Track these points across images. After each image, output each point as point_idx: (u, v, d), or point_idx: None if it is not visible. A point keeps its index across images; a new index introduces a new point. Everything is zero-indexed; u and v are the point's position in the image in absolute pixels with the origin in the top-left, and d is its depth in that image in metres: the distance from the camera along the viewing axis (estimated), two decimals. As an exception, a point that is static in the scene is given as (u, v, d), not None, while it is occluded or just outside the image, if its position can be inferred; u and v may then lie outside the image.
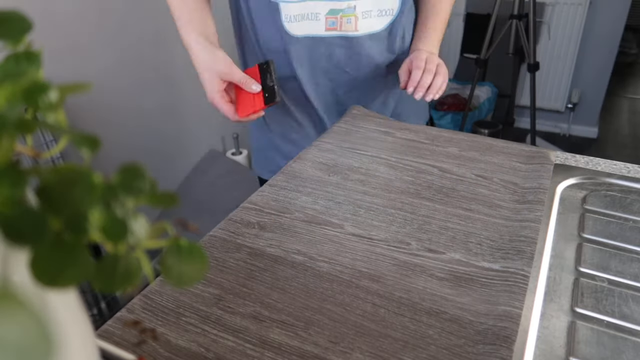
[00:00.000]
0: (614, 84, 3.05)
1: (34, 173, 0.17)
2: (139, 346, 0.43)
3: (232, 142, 2.07)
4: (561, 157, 0.73)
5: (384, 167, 0.70)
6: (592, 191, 0.68)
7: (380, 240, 0.55)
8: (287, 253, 0.53)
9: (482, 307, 0.46)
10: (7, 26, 0.19)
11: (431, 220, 0.59)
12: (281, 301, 0.47)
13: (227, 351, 0.42)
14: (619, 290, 0.52)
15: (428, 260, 0.52)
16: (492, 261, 0.52)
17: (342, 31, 0.85)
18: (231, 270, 0.51)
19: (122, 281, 0.19)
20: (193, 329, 0.44)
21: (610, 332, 0.47)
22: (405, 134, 0.79)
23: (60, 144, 0.20)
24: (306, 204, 0.62)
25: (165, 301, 0.47)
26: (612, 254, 0.57)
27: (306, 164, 0.71)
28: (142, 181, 0.19)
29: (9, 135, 0.16)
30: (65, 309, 0.21)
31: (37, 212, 0.16)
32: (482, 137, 0.79)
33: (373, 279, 0.50)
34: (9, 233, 0.16)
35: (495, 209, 0.60)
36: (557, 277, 0.54)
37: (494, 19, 2.12)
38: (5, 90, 0.17)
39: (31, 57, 0.19)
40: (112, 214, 0.18)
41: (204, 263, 0.21)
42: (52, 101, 0.19)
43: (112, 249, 0.19)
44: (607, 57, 2.59)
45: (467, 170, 0.69)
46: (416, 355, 0.42)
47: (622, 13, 2.48)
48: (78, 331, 0.22)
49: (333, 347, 0.42)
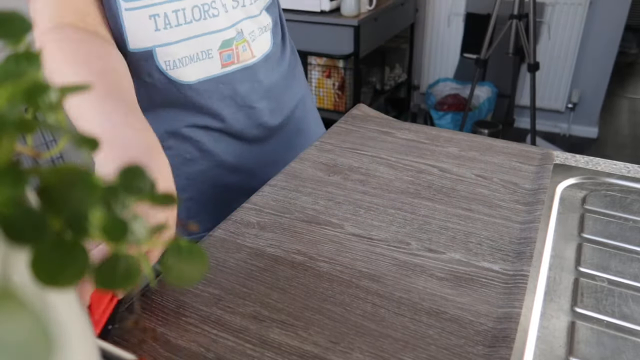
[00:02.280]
0: (614, 84, 3.05)
1: (34, 173, 0.17)
2: (139, 346, 0.43)
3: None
4: (561, 157, 0.73)
5: (384, 167, 0.70)
6: (592, 191, 0.68)
7: (380, 240, 0.55)
8: (287, 253, 0.54)
9: (482, 307, 0.46)
10: (7, 26, 0.19)
11: (431, 220, 0.59)
12: (281, 301, 0.47)
13: (227, 351, 0.42)
14: (619, 290, 0.52)
15: (428, 260, 0.52)
16: (492, 261, 0.52)
17: (240, 62, 0.72)
18: (231, 270, 0.51)
19: (123, 281, 0.19)
20: (193, 329, 0.44)
21: (610, 332, 0.47)
22: (405, 134, 0.79)
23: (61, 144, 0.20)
24: (306, 204, 0.62)
25: (165, 301, 0.47)
26: (612, 254, 0.57)
27: (306, 164, 0.71)
28: (142, 181, 0.19)
29: (9, 135, 0.16)
30: (66, 309, 0.21)
31: (38, 212, 0.16)
32: (482, 137, 0.79)
33: (373, 279, 0.50)
34: (9, 233, 0.16)
35: (495, 209, 0.60)
36: (557, 277, 0.54)
37: (494, 19, 2.12)
38: (5, 91, 0.17)
39: (31, 57, 0.19)
40: (113, 214, 0.18)
41: (204, 263, 0.21)
42: (53, 101, 0.19)
43: (113, 249, 0.19)
44: (607, 57, 2.59)
45: (467, 170, 0.69)
46: (416, 355, 0.42)
47: (622, 13, 2.48)
48: (78, 331, 0.22)
49: (333, 347, 0.42)
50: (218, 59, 0.70)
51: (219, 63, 0.70)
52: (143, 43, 0.64)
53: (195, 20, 0.66)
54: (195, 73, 0.68)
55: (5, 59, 0.19)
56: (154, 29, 0.63)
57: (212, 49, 0.68)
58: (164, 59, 0.65)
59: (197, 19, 0.66)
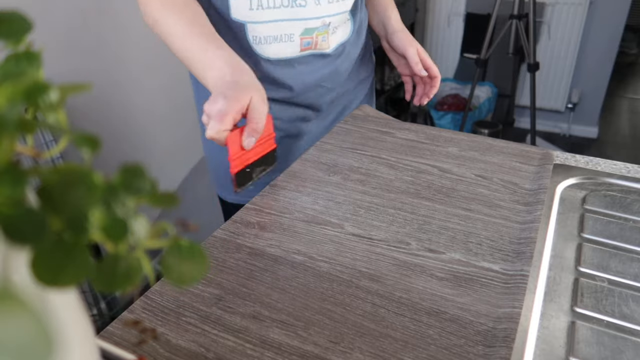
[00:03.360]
0: (614, 84, 3.06)
1: (34, 173, 0.17)
2: (139, 346, 0.43)
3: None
4: (561, 157, 0.73)
5: (384, 167, 0.70)
6: (592, 191, 0.68)
7: (380, 240, 0.55)
8: (287, 253, 0.53)
9: (482, 307, 0.46)
10: (7, 26, 0.19)
11: (431, 220, 0.59)
12: (281, 301, 0.47)
13: (227, 351, 0.42)
14: (619, 290, 0.52)
15: (428, 260, 0.52)
16: (492, 261, 0.52)
17: (318, 49, 0.81)
18: (231, 270, 0.51)
19: (123, 281, 0.19)
20: (193, 329, 0.44)
21: (610, 332, 0.47)
22: (405, 134, 0.79)
23: (61, 144, 0.20)
24: (306, 204, 0.62)
25: (165, 301, 0.47)
26: (612, 254, 0.57)
27: (306, 164, 0.71)
28: (142, 181, 0.19)
29: (10, 135, 0.16)
30: (66, 309, 0.21)
31: (38, 212, 0.16)
32: (482, 137, 0.79)
33: (373, 279, 0.50)
34: (9, 233, 0.16)
35: (495, 209, 0.60)
36: (557, 277, 0.54)
37: (494, 19, 2.12)
38: (5, 90, 0.17)
39: (31, 57, 0.19)
40: (113, 213, 0.18)
41: (204, 263, 0.21)
42: (53, 101, 0.19)
43: (113, 249, 0.19)
44: (607, 57, 2.59)
45: (467, 170, 0.69)
46: (416, 355, 0.42)
47: (622, 13, 2.48)
48: (78, 331, 0.22)
49: (333, 347, 0.42)
50: (298, 44, 0.79)
51: (298, 47, 0.79)
52: (240, 16, 0.75)
53: (283, 7, 0.75)
54: (276, 52, 0.78)
55: (5, 59, 0.19)
56: (248, 8, 0.74)
57: (294, 34, 0.77)
58: (252, 34, 0.76)
59: (286, 6, 0.75)
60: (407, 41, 0.88)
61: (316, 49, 0.81)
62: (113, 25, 1.49)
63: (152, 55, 1.65)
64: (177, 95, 1.78)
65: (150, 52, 1.64)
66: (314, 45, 0.80)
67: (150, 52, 1.64)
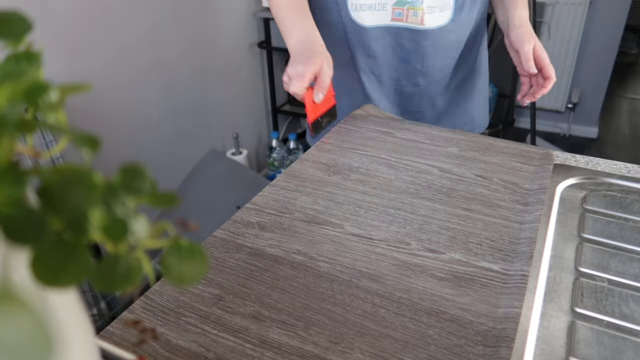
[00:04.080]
0: (614, 84, 3.06)
1: (34, 173, 0.17)
2: (139, 346, 0.43)
3: (232, 142, 2.07)
4: (561, 157, 0.73)
5: (384, 167, 0.70)
6: (592, 191, 0.68)
7: (380, 240, 0.55)
8: (287, 253, 0.53)
9: (482, 307, 0.46)
10: (7, 26, 0.19)
11: (431, 220, 0.59)
12: (281, 301, 0.47)
13: (227, 351, 0.42)
14: (619, 290, 0.52)
15: (428, 260, 0.52)
16: (492, 261, 0.52)
17: (409, 23, 0.86)
18: (231, 270, 0.51)
19: (123, 281, 0.19)
20: (193, 329, 0.44)
21: (610, 332, 0.47)
22: (405, 134, 0.79)
23: (61, 144, 0.20)
24: (306, 204, 0.62)
25: (165, 301, 0.47)
26: (612, 254, 0.57)
27: (306, 164, 0.71)
28: (142, 181, 0.19)
29: (10, 135, 0.16)
30: (66, 309, 0.21)
31: (38, 212, 0.16)
32: (482, 137, 0.79)
33: (373, 279, 0.50)
34: (9, 233, 0.16)
35: (495, 209, 0.60)
36: (557, 277, 0.54)
37: (494, 19, 2.12)
38: (5, 90, 0.17)
39: (31, 57, 0.19)
40: (113, 213, 0.18)
41: (204, 263, 0.21)
42: (53, 101, 0.19)
43: (113, 249, 0.19)
44: (607, 57, 2.59)
45: (467, 170, 0.69)
46: (416, 355, 0.42)
47: (622, 13, 2.48)
48: (78, 331, 0.22)
49: (333, 347, 0.42)
50: (390, 12, 0.86)
51: (390, 16, 0.86)
52: None
53: None
54: (370, 19, 0.86)
55: (5, 59, 0.19)
56: None
57: (387, 3, 0.85)
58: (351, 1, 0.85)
59: None
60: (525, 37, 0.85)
61: (407, 22, 0.86)
62: (113, 25, 1.49)
63: (152, 55, 1.65)
64: (176, 95, 1.78)
65: (150, 53, 1.64)
66: (405, 18, 0.86)
67: (150, 52, 1.64)
